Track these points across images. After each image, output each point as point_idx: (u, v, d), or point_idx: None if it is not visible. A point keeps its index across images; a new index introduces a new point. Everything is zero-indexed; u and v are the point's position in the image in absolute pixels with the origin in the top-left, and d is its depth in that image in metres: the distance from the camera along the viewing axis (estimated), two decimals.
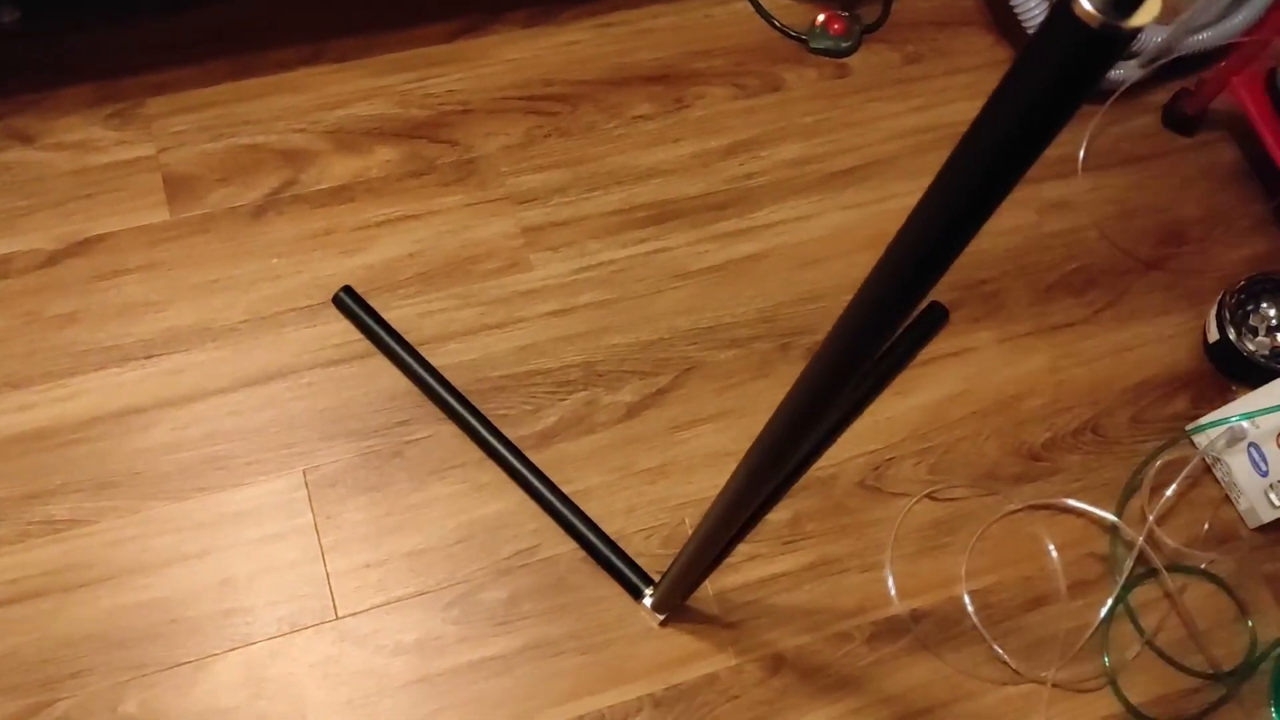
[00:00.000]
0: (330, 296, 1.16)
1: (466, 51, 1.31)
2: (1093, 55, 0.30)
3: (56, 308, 1.13)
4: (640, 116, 1.30)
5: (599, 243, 1.23)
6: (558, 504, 1.09)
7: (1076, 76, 0.31)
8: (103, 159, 1.20)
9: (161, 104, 1.24)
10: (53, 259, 1.15)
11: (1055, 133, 0.33)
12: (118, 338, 1.13)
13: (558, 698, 1.03)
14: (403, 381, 1.14)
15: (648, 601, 1.05)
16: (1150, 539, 1.15)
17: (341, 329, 1.15)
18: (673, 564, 0.95)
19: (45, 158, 1.19)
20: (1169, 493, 1.17)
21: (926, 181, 0.39)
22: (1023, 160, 0.34)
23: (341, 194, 1.22)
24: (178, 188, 1.20)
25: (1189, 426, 1.21)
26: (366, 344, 1.15)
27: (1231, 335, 1.20)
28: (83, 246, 1.16)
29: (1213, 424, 1.18)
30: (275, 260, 1.18)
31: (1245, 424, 1.15)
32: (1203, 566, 1.15)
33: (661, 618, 1.06)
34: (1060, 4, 0.29)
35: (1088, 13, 0.29)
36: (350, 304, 1.16)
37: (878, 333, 0.47)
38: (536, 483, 1.10)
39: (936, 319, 1.22)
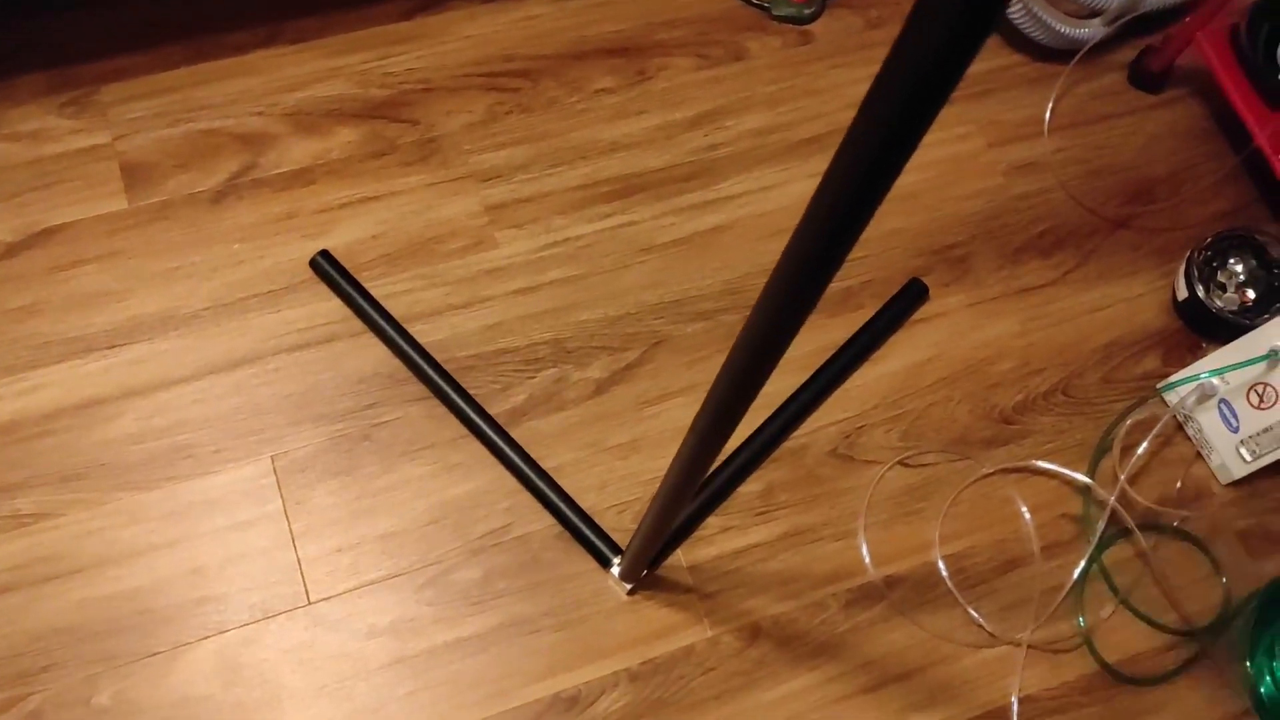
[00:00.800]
0: (295, 281, 1.15)
1: (425, 29, 1.29)
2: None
3: (16, 300, 1.12)
4: (602, 90, 1.29)
5: (564, 219, 1.22)
6: (529, 472, 1.09)
7: (973, 19, 0.30)
8: (58, 148, 1.19)
9: (116, 91, 1.22)
10: (10, 251, 1.14)
11: (959, 74, 0.33)
12: (79, 329, 1.12)
13: (534, 675, 1.03)
14: (369, 364, 1.13)
15: (615, 570, 1.05)
16: (1123, 499, 1.15)
17: (306, 314, 1.14)
18: (635, 534, 0.95)
19: None
20: (1140, 452, 1.17)
21: None
22: (930, 104, 0.34)
23: (302, 177, 1.21)
24: (135, 175, 1.19)
25: (1159, 385, 1.21)
26: (332, 328, 1.14)
27: (1200, 292, 1.20)
28: (40, 237, 1.15)
29: (1183, 381, 1.18)
30: (237, 246, 1.17)
31: (1215, 380, 1.15)
32: (1175, 524, 1.16)
33: (629, 587, 1.06)
34: None
35: None
36: (327, 268, 1.15)
37: (802, 300, 0.47)
38: (506, 448, 1.09)
39: (916, 295, 1.22)
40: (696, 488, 0.75)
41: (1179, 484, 1.18)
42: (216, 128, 1.22)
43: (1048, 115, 1.34)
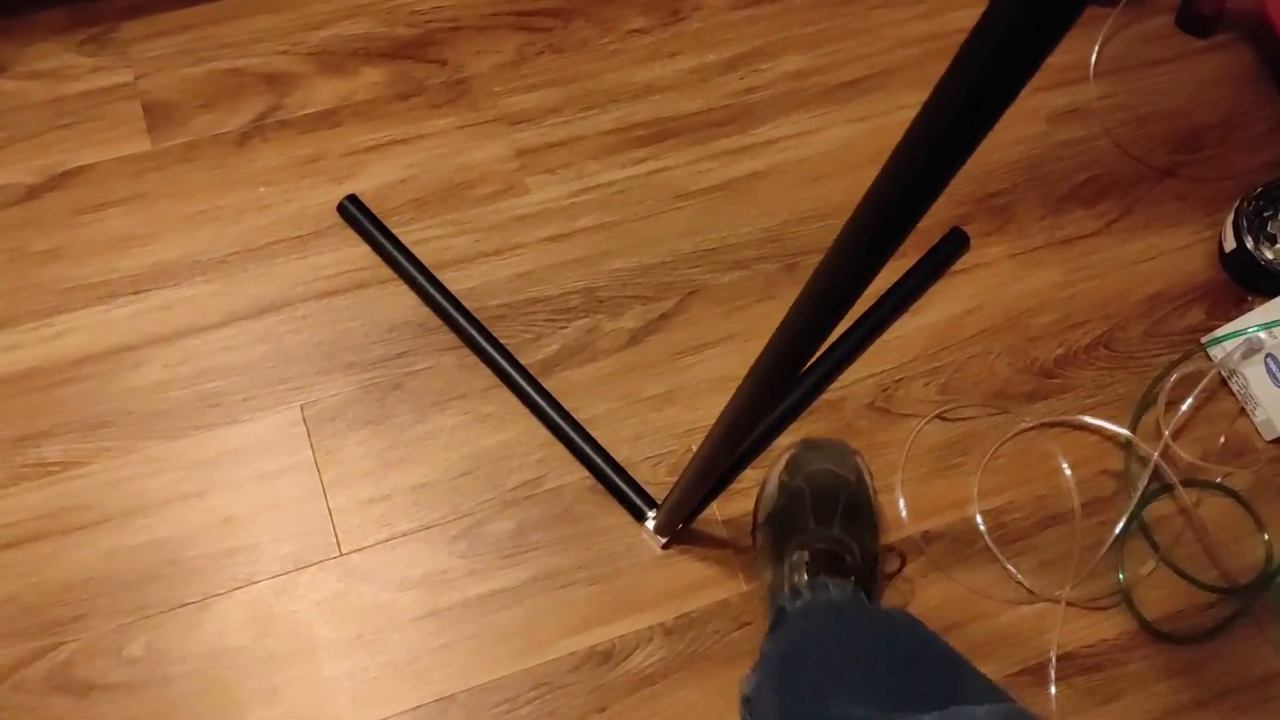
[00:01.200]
0: (322, 226, 1.13)
1: None
2: None
3: (39, 244, 1.10)
4: (635, 31, 1.25)
5: (597, 164, 1.19)
6: (562, 423, 1.07)
7: None
8: (79, 87, 1.15)
9: (137, 28, 1.18)
10: (32, 193, 1.11)
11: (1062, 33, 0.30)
12: (104, 273, 1.09)
13: (568, 628, 1.02)
14: (399, 312, 1.11)
15: (650, 524, 1.03)
16: (1165, 454, 1.13)
17: (335, 260, 1.12)
18: (674, 487, 0.93)
19: (18, 87, 1.15)
20: (1184, 407, 1.15)
21: None
22: (1028, 63, 0.31)
23: (328, 118, 1.17)
24: (158, 116, 1.15)
25: (1204, 339, 1.18)
26: (361, 275, 1.11)
27: (1249, 243, 1.17)
28: (63, 179, 1.12)
29: (1229, 335, 1.15)
30: (263, 189, 1.14)
31: (1262, 335, 1.13)
32: (1218, 480, 1.14)
33: (664, 541, 1.04)
34: None
35: None
36: (355, 213, 1.12)
37: (877, 253, 0.44)
38: (539, 399, 1.07)
39: (957, 245, 1.18)
40: (747, 440, 0.73)
41: (1222, 440, 1.16)
42: (240, 67, 1.18)
43: (1093, 60, 1.30)
